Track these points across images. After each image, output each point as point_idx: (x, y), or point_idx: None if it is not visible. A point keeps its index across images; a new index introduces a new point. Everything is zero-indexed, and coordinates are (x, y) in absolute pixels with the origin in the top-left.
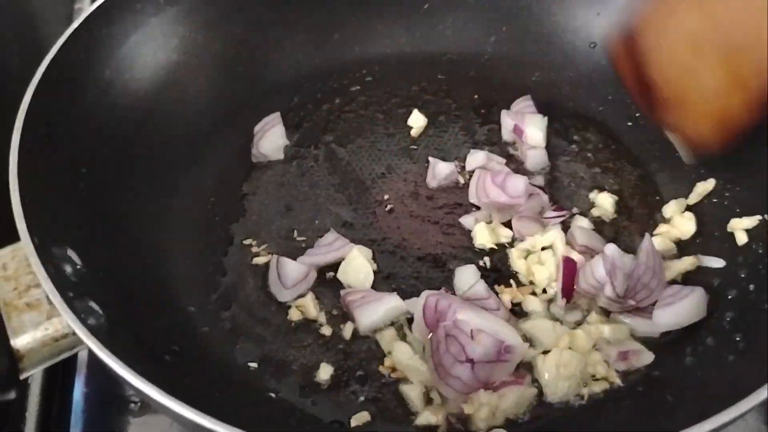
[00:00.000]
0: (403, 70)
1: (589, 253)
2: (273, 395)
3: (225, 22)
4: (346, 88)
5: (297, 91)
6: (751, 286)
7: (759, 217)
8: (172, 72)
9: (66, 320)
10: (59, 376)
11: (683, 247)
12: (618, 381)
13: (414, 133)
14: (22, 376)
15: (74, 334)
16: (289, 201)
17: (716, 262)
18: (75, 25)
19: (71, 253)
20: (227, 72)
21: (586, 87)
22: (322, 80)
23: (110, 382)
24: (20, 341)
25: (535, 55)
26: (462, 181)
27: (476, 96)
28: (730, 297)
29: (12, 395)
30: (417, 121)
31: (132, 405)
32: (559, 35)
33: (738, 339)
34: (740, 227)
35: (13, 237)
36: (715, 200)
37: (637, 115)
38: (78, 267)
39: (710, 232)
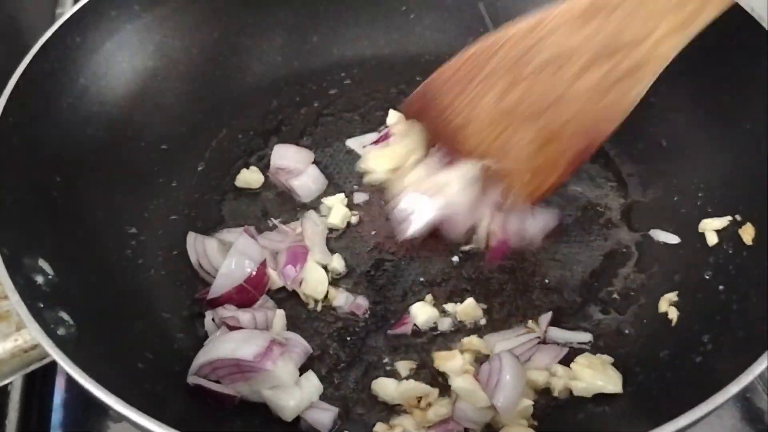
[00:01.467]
0: (382, 72)
1: None
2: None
3: (202, 27)
4: (325, 91)
5: (276, 94)
6: (721, 287)
7: (729, 217)
8: (148, 78)
9: (33, 333)
10: (38, 381)
11: None
12: None
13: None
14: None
15: None
16: (265, 205)
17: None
18: (48, 34)
19: (43, 263)
20: (205, 77)
21: None
22: (300, 83)
23: None
24: None
25: None
26: None
27: None
28: (699, 297)
29: None
30: (394, 119)
31: (111, 410)
32: None
33: (705, 340)
34: (711, 228)
35: None
36: (687, 201)
37: None
38: (50, 277)
39: (682, 233)
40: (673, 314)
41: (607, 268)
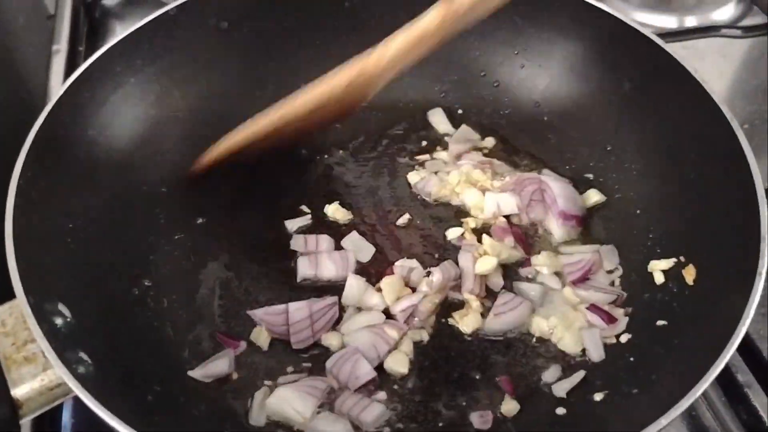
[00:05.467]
0: (364, 116)
1: None
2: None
3: (199, 77)
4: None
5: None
6: (665, 323)
7: (674, 259)
8: (150, 126)
9: (59, 373)
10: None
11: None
12: None
13: None
14: (22, 422)
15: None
16: (263, 241)
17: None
18: (61, 91)
19: (62, 306)
20: (202, 123)
21: (531, 133)
22: None
23: (94, 413)
24: (19, 391)
25: (484, 102)
26: None
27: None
28: (642, 332)
29: None
30: None
31: None
32: (505, 85)
33: (646, 373)
34: (658, 268)
35: (6, 292)
36: (638, 243)
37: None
38: (68, 320)
39: (631, 272)
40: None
41: None
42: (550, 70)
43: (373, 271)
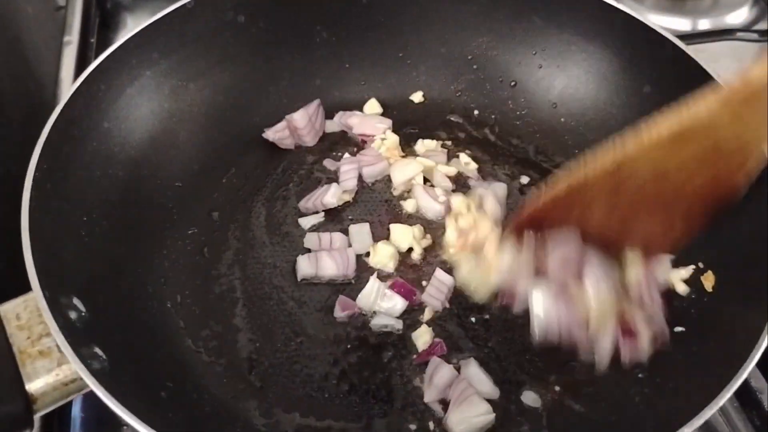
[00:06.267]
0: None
1: None
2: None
3: (214, 71)
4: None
5: None
6: (683, 329)
7: (693, 266)
8: (164, 119)
9: (75, 368)
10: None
11: None
12: None
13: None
14: (36, 416)
15: (82, 378)
16: (277, 237)
17: None
18: (77, 84)
19: (76, 300)
20: (216, 117)
21: (547, 134)
22: None
23: (104, 407)
24: (34, 386)
25: (500, 102)
26: None
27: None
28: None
29: None
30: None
31: (124, 427)
32: (523, 85)
33: (664, 380)
34: (677, 278)
35: (20, 285)
36: None
37: None
38: (83, 314)
39: None
40: None
41: None
42: (568, 71)
43: None
